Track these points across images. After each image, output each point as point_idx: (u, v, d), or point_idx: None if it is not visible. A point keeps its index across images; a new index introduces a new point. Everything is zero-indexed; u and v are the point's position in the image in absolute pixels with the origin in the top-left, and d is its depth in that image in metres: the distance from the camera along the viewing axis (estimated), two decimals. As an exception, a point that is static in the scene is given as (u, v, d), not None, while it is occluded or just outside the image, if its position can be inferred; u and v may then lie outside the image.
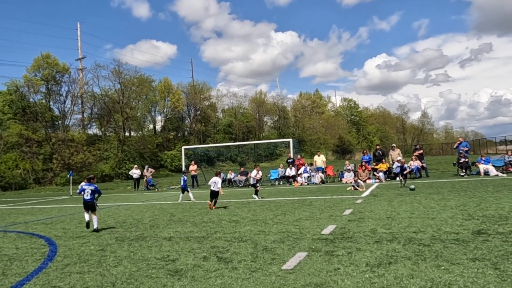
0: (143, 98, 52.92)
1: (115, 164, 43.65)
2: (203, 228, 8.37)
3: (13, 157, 38.69)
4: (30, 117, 43.63)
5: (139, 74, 50.92)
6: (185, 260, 5.61)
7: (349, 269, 4.59)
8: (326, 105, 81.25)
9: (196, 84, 61.78)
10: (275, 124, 69.03)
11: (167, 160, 49.46)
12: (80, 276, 5.11)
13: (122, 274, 5.09)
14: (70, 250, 6.91)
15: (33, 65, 44.29)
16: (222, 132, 60.71)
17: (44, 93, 45.69)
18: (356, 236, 6.43)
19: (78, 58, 52.37)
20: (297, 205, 11.43)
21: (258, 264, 5.08)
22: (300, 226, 7.74)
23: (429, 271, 4.33)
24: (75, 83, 47.59)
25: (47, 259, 6.28)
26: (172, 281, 4.63)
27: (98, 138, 48.98)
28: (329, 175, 21.87)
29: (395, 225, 7.17)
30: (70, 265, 5.76)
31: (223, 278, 4.61)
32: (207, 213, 10.95)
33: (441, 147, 68.28)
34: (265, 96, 67.64)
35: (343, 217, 8.55)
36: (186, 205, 13.46)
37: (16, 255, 6.81)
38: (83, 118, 50.40)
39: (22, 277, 5.28)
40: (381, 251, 5.30)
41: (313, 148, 61.41)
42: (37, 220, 11.93)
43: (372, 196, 12.36)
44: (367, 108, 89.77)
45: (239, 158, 55.27)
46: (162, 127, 57.26)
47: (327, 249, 5.65)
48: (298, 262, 5.02)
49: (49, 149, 41.99)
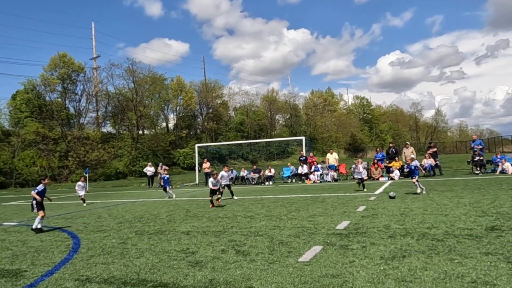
0: (156, 96, 53.50)
1: (129, 162, 44.28)
2: (219, 223, 8.59)
3: (30, 155, 39.57)
4: (47, 115, 44.54)
5: (152, 72, 51.55)
6: (204, 252, 5.82)
7: (363, 262, 4.74)
8: (338, 103, 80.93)
9: (208, 83, 62.20)
10: (287, 122, 69.08)
11: (179, 158, 49.96)
12: (105, 267, 5.37)
13: (145, 265, 5.32)
14: (92, 243, 7.20)
15: (49, 64, 45.17)
16: (234, 130, 61.02)
17: (60, 91, 46.58)
18: (370, 231, 6.56)
19: (93, 57, 53.21)
20: (310, 201, 11.57)
21: (275, 257, 5.26)
22: (314, 221, 7.90)
23: (442, 264, 4.46)
24: (90, 82, 48.44)
25: (72, 251, 6.57)
26: (193, 271, 4.85)
27: (112, 136, 49.70)
28: (342, 173, 21.92)
29: (408, 221, 7.27)
30: (94, 257, 6.03)
31: (242, 269, 4.81)
32: (222, 209, 11.18)
33: (455, 145, 67.42)
34: (276, 94, 67.77)
35: (356, 213, 8.67)
36: (201, 202, 13.73)
37: (42, 247, 7.13)
38: (97, 116, 51.21)
39: (50, 267, 5.56)
40: (395, 245, 5.44)
41: (325, 146, 61.30)
42: (57, 215, 12.31)
43: (385, 194, 12.43)
44: (380, 106, 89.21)
45: (251, 156, 55.52)
46: (175, 125, 57.83)
47: (342, 243, 5.80)
48: (314, 255, 5.19)
49: (65, 146, 42.81)
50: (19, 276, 5.17)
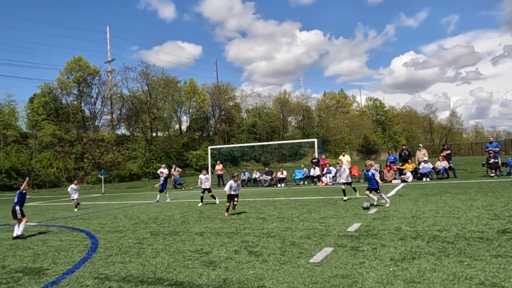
0: (169, 99, 54.11)
1: (142, 163, 44.89)
2: (232, 224, 8.75)
3: (47, 156, 40.48)
4: (63, 118, 45.52)
5: (165, 75, 52.21)
6: (218, 253, 5.99)
7: (373, 263, 4.84)
8: (351, 105, 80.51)
9: (220, 85, 62.62)
10: (299, 124, 69.04)
11: (192, 160, 50.39)
12: (123, 266, 5.58)
13: (161, 264, 5.51)
14: (110, 242, 7.43)
15: (66, 68, 46.17)
16: (247, 132, 61.26)
17: (76, 95, 47.56)
18: (381, 233, 6.64)
19: (108, 60, 54.13)
20: (322, 204, 11.66)
21: (287, 258, 5.40)
22: (325, 223, 7.99)
23: (451, 266, 4.53)
24: (105, 85, 49.37)
25: (90, 251, 6.81)
26: (207, 271, 5.01)
27: (126, 138, 50.46)
28: (354, 175, 21.88)
29: (419, 223, 7.32)
30: (112, 256, 6.25)
31: (254, 269, 4.96)
32: (235, 210, 11.34)
33: (471, 147, 66.35)
34: (289, 96, 67.82)
35: (368, 215, 8.74)
36: (214, 203, 13.91)
37: (62, 246, 7.39)
38: (112, 118, 52.05)
39: (71, 265, 5.80)
40: (405, 247, 5.51)
41: (337, 148, 61.08)
42: (75, 216, 12.66)
43: (397, 196, 12.43)
44: (393, 108, 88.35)
45: (263, 158, 55.67)
46: (188, 127, 58.36)
47: (353, 244, 5.90)
48: (325, 256, 5.30)
49: (81, 148, 43.66)
50: (41, 274, 5.42)
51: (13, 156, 37.91)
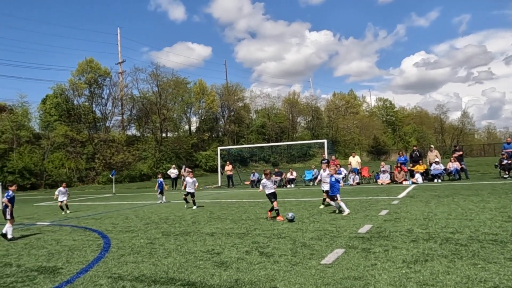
0: (179, 99, 54.43)
1: (152, 164, 45.21)
2: (242, 225, 8.78)
3: (59, 157, 41.01)
4: (75, 119, 46.08)
5: (175, 76, 52.54)
6: (229, 253, 6.02)
7: (386, 265, 4.82)
8: (361, 105, 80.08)
9: (230, 86, 62.80)
10: (309, 124, 68.89)
11: (202, 160, 50.60)
12: (135, 265, 5.64)
13: (173, 264, 5.56)
14: (122, 242, 7.52)
15: (77, 69, 46.74)
16: (256, 133, 61.32)
17: (87, 96, 48.08)
18: (393, 235, 6.60)
19: (118, 62, 54.65)
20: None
21: (298, 259, 5.40)
22: (336, 225, 7.98)
23: (465, 268, 4.49)
24: (115, 86, 49.81)
25: (103, 250, 6.90)
26: (219, 271, 5.05)
27: (136, 139, 50.87)
28: (364, 176, 21.76)
29: (431, 225, 7.26)
30: (124, 256, 6.32)
31: (266, 270, 4.98)
32: (245, 211, 11.37)
33: (483, 148, 65.45)
34: (298, 96, 67.78)
35: (379, 217, 8.69)
36: (224, 204, 13.96)
37: (75, 246, 7.50)
38: (123, 119, 52.52)
39: (84, 265, 5.88)
40: (417, 249, 5.48)
41: (347, 148, 60.79)
42: (87, 216, 12.81)
43: (408, 198, 12.33)
44: (404, 108, 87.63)
45: (272, 158, 55.66)
46: (197, 128, 58.63)
47: (364, 246, 5.88)
48: (336, 258, 5.30)
49: (92, 149, 44.13)
50: (56, 273, 5.51)
51: (26, 156, 38.48)
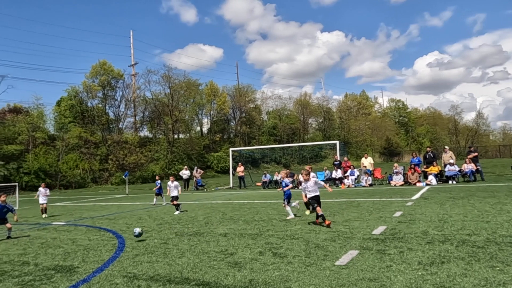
0: (190, 101, 54.78)
1: (165, 165, 45.54)
2: (255, 226, 8.78)
3: (73, 158, 41.64)
4: (88, 121, 46.73)
5: (187, 78, 52.89)
6: (243, 254, 6.03)
7: (401, 267, 4.77)
8: (373, 106, 79.44)
9: (241, 87, 62.94)
10: (320, 126, 68.61)
11: (213, 162, 50.78)
12: (150, 265, 5.69)
13: (187, 264, 5.60)
14: (136, 242, 7.59)
15: (91, 71, 47.43)
16: (267, 134, 61.32)
17: (100, 98, 48.74)
18: (407, 237, 6.53)
19: (131, 64, 55.26)
20: (345, 206, 11.54)
21: (312, 260, 5.38)
22: (349, 226, 7.92)
23: (483, 271, 4.41)
24: (128, 88, 50.39)
25: (118, 250, 6.98)
26: (233, 272, 5.06)
27: (149, 140, 51.34)
28: (377, 178, 21.57)
29: (447, 227, 7.16)
30: (139, 255, 6.38)
31: (280, 270, 4.97)
32: (257, 212, 11.37)
33: (498, 149, 64.25)
34: (309, 97, 67.54)
35: (393, 218, 8.60)
36: (236, 205, 13.99)
37: (90, 245, 7.60)
38: (135, 121, 53.07)
39: (100, 264, 5.96)
40: (433, 251, 5.41)
41: (359, 150, 60.38)
42: (101, 216, 12.97)
43: (422, 199, 12.18)
44: (416, 109, 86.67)
45: (283, 160, 55.57)
46: (209, 129, 58.91)
47: (379, 248, 5.83)
48: (351, 259, 5.26)
49: (105, 150, 44.69)
50: (72, 272, 5.59)
51: (41, 157, 39.17)
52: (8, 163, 36.57)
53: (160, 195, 16.43)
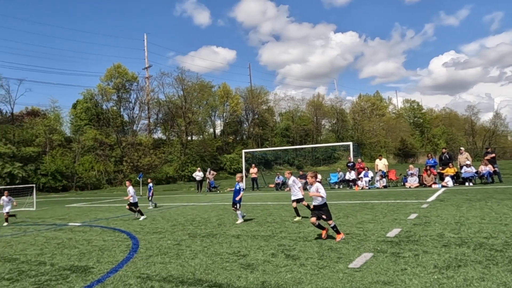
0: (203, 103, 55.11)
1: (178, 167, 45.88)
2: (268, 227, 8.76)
3: (89, 160, 42.27)
4: (104, 123, 47.43)
5: (200, 80, 53.25)
6: (255, 255, 6.02)
7: (416, 270, 4.69)
8: (387, 107, 78.57)
9: (253, 89, 63.03)
10: (333, 127, 68.20)
11: (226, 163, 50.94)
12: (163, 266, 5.73)
13: (200, 265, 5.61)
14: (150, 243, 7.65)
15: (106, 75, 48.16)
16: (280, 136, 61.24)
17: (115, 100, 49.44)
18: (423, 239, 6.42)
19: (145, 67, 55.87)
20: (358, 208, 11.43)
21: (325, 262, 5.34)
22: (363, 228, 7.83)
23: (501, 275, 4.31)
24: (142, 90, 50.99)
25: (132, 251, 7.04)
26: (245, 273, 5.05)
27: (162, 142, 51.81)
28: (391, 179, 21.29)
29: (464, 230, 7.01)
30: (152, 256, 6.43)
31: (292, 273, 4.94)
32: (270, 214, 11.35)
33: (517, 150, 62.80)
34: (322, 99, 67.21)
35: (408, 221, 8.48)
36: (249, 207, 13.99)
37: (105, 246, 7.69)
38: (149, 123, 53.63)
39: (114, 265, 6.02)
40: (449, 255, 5.30)
41: (373, 151, 59.77)
42: (116, 217, 13.12)
43: (438, 201, 11.97)
44: (432, 110, 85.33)
45: (296, 161, 55.38)
46: (222, 131, 59.14)
47: (393, 250, 5.74)
48: (365, 262, 5.20)
49: (120, 152, 45.26)
50: (87, 272, 5.66)
51: (58, 159, 39.88)
52: (26, 164, 37.34)
53: (149, 198, 16.11)
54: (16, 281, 5.44)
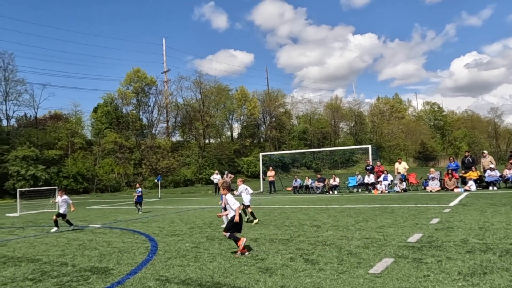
0: (221, 106, 55.47)
1: (196, 169, 46.25)
2: (285, 231, 8.70)
3: (109, 162, 43.08)
4: (123, 126, 48.29)
5: (217, 83, 53.66)
6: (273, 259, 5.97)
7: (439, 277, 4.56)
8: (406, 110, 77.35)
9: (271, 92, 63.06)
10: (351, 130, 67.56)
11: (243, 166, 51.06)
12: (182, 269, 5.74)
13: (218, 269, 5.60)
14: (168, 246, 7.70)
15: (125, 79, 49.11)
16: (297, 139, 61.03)
17: (134, 104, 50.33)
18: (446, 245, 6.25)
19: (164, 71, 56.68)
20: (378, 212, 11.23)
21: (345, 267, 5.25)
22: (383, 233, 7.69)
23: (530, 283, 4.14)
24: (161, 94, 51.80)
25: (151, 253, 7.10)
26: (264, 277, 5.01)
27: (180, 145, 52.36)
28: (412, 183, 20.89)
29: (489, 235, 6.80)
30: (171, 259, 6.46)
31: (311, 277, 4.87)
32: (288, 217, 11.28)
33: (543, 153, 60.68)
34: (340, 101, 66.77)
35: (429, 225, 8.28)
36: (266, 210, 13.94)
37: (124, 248, 7.78)
38: (167, 126, 54.31)
39: (133, 267, 6.08)
40: (474, 261, 5.14)
41: (392, 154, 58.88)
42: (135, 219, 13.28)
43: (461, 206, 11.66)
44: (453, 112, 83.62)
45: (314, 164, 55.03)
46: (239, 134, 59.36)
47: (415, 256, 5.61)
48: (385, 267, 5.09)
49: (139, 155, 45.95)
50: (107, 274, 5.73)
51: (79, 162, 40.79)
52: (49, 167, 38.31)
53: (140, 203, 15.88)
54: (39, 281, 5.55)
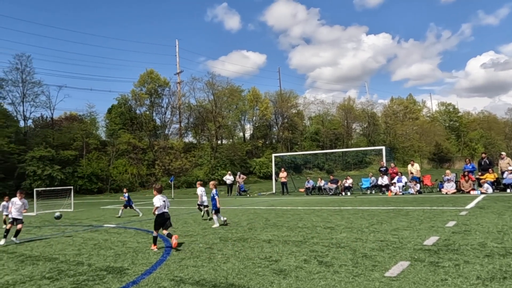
0: (233, 107, 55.63)
1: (208, 170, 46.44)
2: (299, 233, 8.66)
3: (122, 163, 43.59)
4: (137, 127, 48.83)
5: (230, 84, 53.85)
6: (287, 261, 5.95)
7: (457, 281, 4.48)
8: (421, 111, 76.33)
9: (283, 93, 62.96)
10: (364, 131, 66.98)
11: (255, 167, 51.07)
12: (195, 269, 5.77)
13: (232, 270, 5.61)
14: (182, 246, 7.74)
15: (139, 80, 49.65)
16: (309, 140, 60.79)
17: (148, 105, 50.84)
18: (463, 248, 6.14)
19: (176, 72, 57.09)
20: (392, 214, 11.10)
21: (360, 270, 5.20)
22: (399, 235, 7.59)
23: (552, 289, 4.04)
24: (174, 95, 52.25)
25: (165, 253, 7.15)
26: (278, 279, 5.00)
27: (193, 146, 52.66)
28: (427, 185, 20.59)
29: (508, 239, 6.65)
30: (185, 259, 6.49)
31: (326, 280, 4.84)
32: (301, 219, 11.22)
33: None
34: (353, 102, 66.32)
35: (446, 228, 8.14)
36: (279, 211, 13.90)
37: (139, 248, 7.85)
38: (180, 127, 54.69)
39: (148, 267, 6.12)
40: (493, 265, 5.03)
41: (405, 156, 58.19)
42: (149, 219, 13.38)
43: (478, 208, 11.44)
44: (469, 113, 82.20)
45: (326, 165, 54.74)
46: (251, 135, 59.41)
47: (431, 259, 5.52)
48: (401, 271, 5.02)
49: (152, 155, 46.37)
50: (122, 274, 5.79)
51: (94, 162, 41.38)
52: (64, 167, 38.95)
53: (131, 207, 15.77)
54: (56, 280, 5.64)
